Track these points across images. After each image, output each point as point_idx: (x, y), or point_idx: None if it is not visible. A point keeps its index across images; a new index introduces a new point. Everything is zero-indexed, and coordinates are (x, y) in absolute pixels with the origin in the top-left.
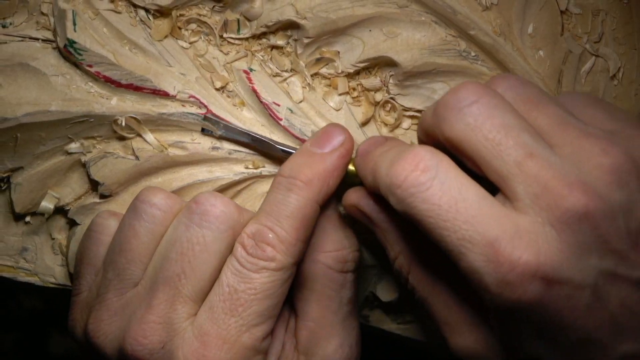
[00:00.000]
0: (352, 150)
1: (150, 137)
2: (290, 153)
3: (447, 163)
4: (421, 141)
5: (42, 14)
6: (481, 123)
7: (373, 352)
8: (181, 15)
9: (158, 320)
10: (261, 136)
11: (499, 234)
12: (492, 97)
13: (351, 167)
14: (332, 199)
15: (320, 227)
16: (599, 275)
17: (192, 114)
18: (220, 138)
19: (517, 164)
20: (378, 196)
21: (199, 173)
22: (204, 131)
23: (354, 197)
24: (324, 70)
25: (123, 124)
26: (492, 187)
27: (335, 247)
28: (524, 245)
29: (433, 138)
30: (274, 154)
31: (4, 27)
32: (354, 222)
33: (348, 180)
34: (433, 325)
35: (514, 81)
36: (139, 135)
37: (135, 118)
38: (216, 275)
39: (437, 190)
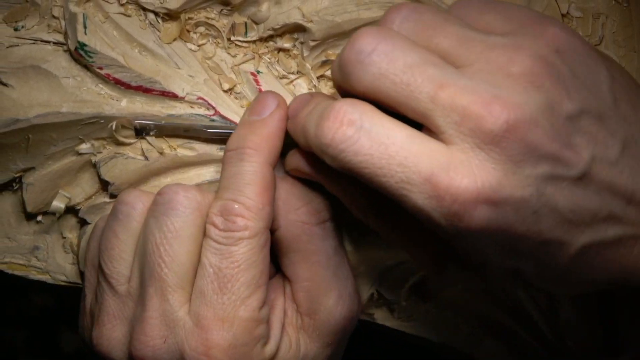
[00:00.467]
0: (287, 111)
1: (152, 139)
2: (226, 132)
3: (370, 111)
4: (340, 94)
5: (54, 17)
6: (385, 70)
7: (378, 350)
8: (190, 18)
9: (154, 315)
10: (201, 125)
11: (434, 169)
12: (389, 39)
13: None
14: (280, 162)
15: (283, 190)
16: (538, 182)
17: (201, 115)
18: (160, 136)
19: (430, 98)
20: (314, 155)
21: (207, 173)
22: (138, 133)
23: (293, 161)
24: (329, 73)
25: (113, 127)
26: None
27: (302, 202)
28: (459, 174)
29: (347, 91)
30: (215, 137)
31: (16, 30)
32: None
33: (287, 141)
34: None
35: (406, 11)
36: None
37: (127, 119)
38: (195, 259)
39: (365, 140)
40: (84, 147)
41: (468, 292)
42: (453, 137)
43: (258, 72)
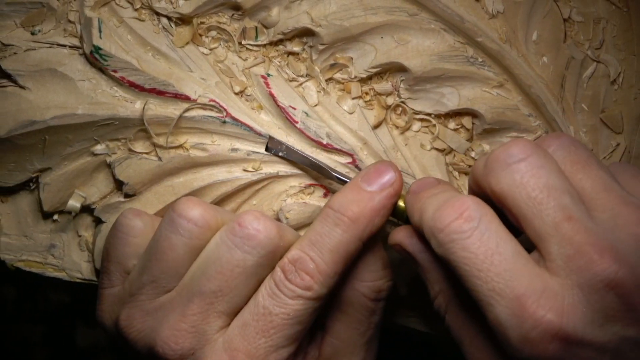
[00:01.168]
0: (400, 191)
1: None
2: (342, 180)
3: (490, 216)
4: (471, 189)
5: (70, 21)
6: (526, 181)
7: (383, 346)
8: (202, 23)
9: (190, 329)
10: (318, 161)
11: (527, 290)
12: (540, 156)
13: (400, 203)
14: (377, 233)
15: (362, 257)
16: (622, 342)
17: (212, 117)
18: (283, 158)
19: (554, 225)
20: (422, 236)
21: (219, 173)
22: (268, 149)
23: (400, 236)
24: (337, 76)
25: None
26: (530, 243)
27: (373, 277)
28: (550, 304)
29: (481, 188)
30: (326, 178)
31: (33, 34)
32: (391, 252)
33: (396, 215)
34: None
35: (565, 141)
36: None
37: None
38: (251, 294)
39: (476, 240)
40: (99, 148)
41: None
42: (559, 268)
43: (268, 75)
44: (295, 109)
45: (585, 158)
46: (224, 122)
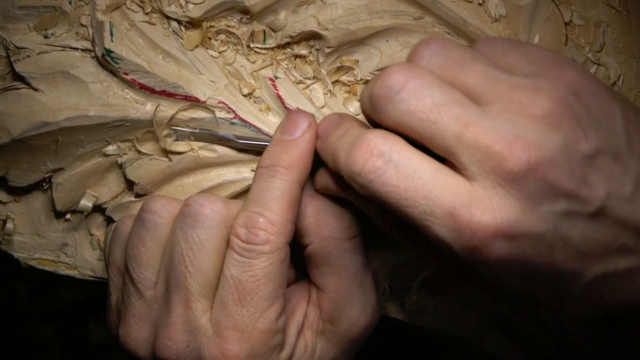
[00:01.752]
0: (317, 130)
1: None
2: (256, 145)
3: (400, 144)
4: (369, 122)
5: (82, 25)
6: (414, 107)
7: (389, 342)
8: (211, 26)
9: (178, 321)
10: (227, 135)
11: (456, 203)
12: (417, 77)
13: None
14: (311, 179)
15: (314, 207)
16: (555, 218)
17: (221, 118)
18: (197, 140)
19: (455, 137)
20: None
21: (228, 173)
22: (178, 138)
23: (322, 180)
24: (344, 78)
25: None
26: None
27: (334, 218)
28: (480, 209)
29: (375, 122)
30: (251, 150)
31: (45, 37)
32: None
33: (316, 158)
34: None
35: (435, 47)
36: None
37: (168, 125)
38: (219, 269)
39: (393, 172)
40: (111, 148)
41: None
42: (475, 174)
43: (276, 77)
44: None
45: (459, 57)
46: (233, 123)
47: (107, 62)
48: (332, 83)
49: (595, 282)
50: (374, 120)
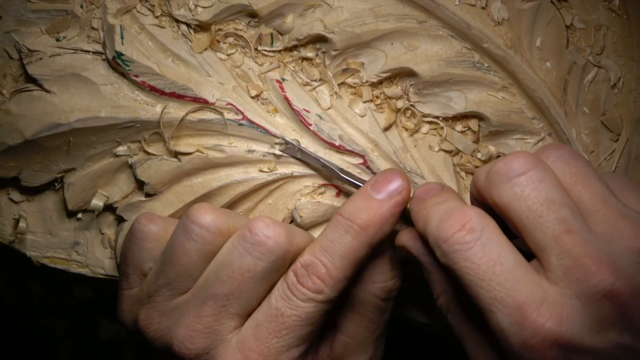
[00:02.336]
0: (408, 198)
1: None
2: (351, 183)
3: (492, 227)
4: (472, 197)
5: (93, 28)
6: (527, 194)
7: (394, 339)
8: (220, 29)
9: (205, 329)
10: (331, 164)
11: (528, 299)
12: (541, 170)
13: (408, 206)
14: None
15: (372, 259)
16: (616, 348)
17: (230, 119)
18: (297, 159)
19: (554, 237)
20: (426, 241)
21: (236, 174)
22: (284, 151)
23: (405, 238)
24: (349, 80)
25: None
26: (531, 252)
27: (383, 279)
28: (549, 313)
29: (483, 198)
30: (337, 180)
31: (58, 40)
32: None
33: (404, 217)
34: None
35: (564, 152)
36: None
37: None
38: (263, 296)
39: (478, 250)
40: (121, 149)
41: None
42: (558, 278)
43: (283, 79)
44: (309, 112)
45: (583, 170)
46: (241, 124)
47: (117, 64)
48: (338, 85)
49: None
50: (481, 197)
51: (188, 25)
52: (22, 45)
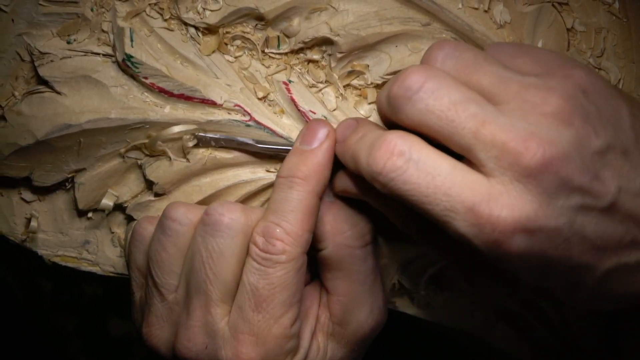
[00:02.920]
0: (335, 140)
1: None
2: (281, 150)
3: (418, 143)
4: (385, 124)
5: (103, 31)
6: (432, 106)
7: (398, 335)
8: (227, 32)
9: (198, 324)
10: (247, 139)
11: (475, 199)
12: (434, 77)
13: None
14: (329, 186)
15: (331, 214)
16: (571, 213)
17: (237, 120)
18: (218, 147)
19: (472, 134)
20: (362, 177)
21: (243, 174)
22: (198, 144)
23: (341, 183)
24: (355, 82)
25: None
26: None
27: (349, 226)
28: (499, 205)
29: (394, 122)
30: (269, 154)
31: (68, 43)
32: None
33: (336, 163)
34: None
35: (448, 49)
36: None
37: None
38: (239, 276)
39: (413, 171)
40: (131, 153)
41: None
42: (493, 170)
43: (290, 81)
44: (315, 113)
45: (472, 58)
46: (248, 125)
47: (127, 66)
48: (344, 87)
49: (608, 276)
50: (392, 121)
51: (196, 28)
52: (34, 47)
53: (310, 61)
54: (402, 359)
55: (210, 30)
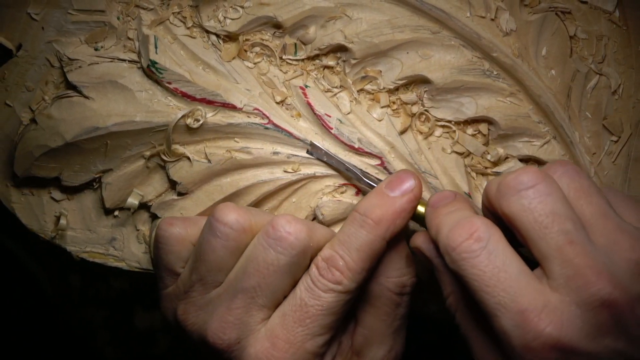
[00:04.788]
0: (420, 196)
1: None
2: (371, 185)
3: (498, 237)
4: (483, 206)
5: (129, 38)
6: (534, 206)
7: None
8: (247, 40)
9: (235, 321)
10: (352, 166)
11: (530, 305)
12: (548, 184)
13: (419, 208)
14: (400, 233)
15: (388, 255)
16: (611, 353)
17: (256, 123)
18: (321, 161)
19: (557, 248)
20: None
21: (262, 174)
22: (310, 153)
23: (419, 240)
24: (368, 87)
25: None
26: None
27: (397, 274)
28: (550, 319)
29: (493, 208)
30: (357, 182)
31: (96, 50)
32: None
33: (416, 219)
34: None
35: (569, 169)
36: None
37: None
38: (289, 288)
39: (484, 258)
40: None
41: None
42: (560, 286)
43: (306, 86)
44: (330, 116)
45: (587, 186)
46: (267, 128)
47: (151, 72)
48: (358, 91)
49: None
50: (492, 206)
51: (217, 35)
52: (63, 54)
53: (325, 67)
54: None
55: (230, 37)
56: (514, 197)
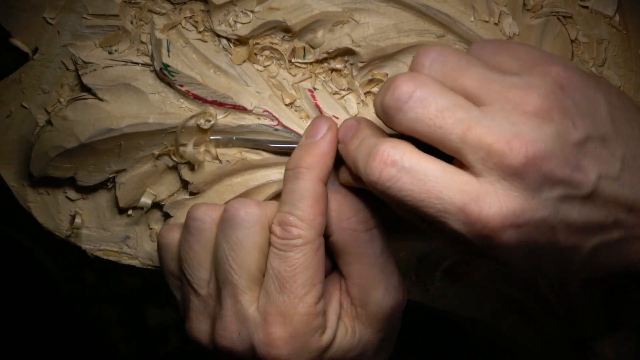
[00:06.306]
0: (337, 132)
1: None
2: (291, 148)
3: (409, 151)
4: (385, 123)
5: (142, 42)
6: (421, 114)
7: (414, 324)
8: (257, 43)
9: (230, 314)
10: (267, 140)
11: (465, 200)
12: (422, 86)
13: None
14: (334, 175)
15: (335, 201)
16: (555, 203)
17: (266, 125)
18: (235, 146)
19: (460, 138)
20: None
21: (272, 174)
22: (220, 146)
23: (345, 177)
24: (375, 89)
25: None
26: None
27: (352, 212)
28: (487, 203)
29: (390, 127)
30: (277, 150)
31: (110, 53)
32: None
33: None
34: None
35: (433, 55)
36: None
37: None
38: (263, 264)
39: (406, 178)
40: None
41: (492, 274)
42: (481, 170)
43: (314, 88)
44: (338, 118)
45: (456, 62)
46: (276, 129)
47: (164, 75)
48: (365, 94)
49: (593, 252)
50: (388, 127)
51: (228, 39)
52: (78, 57)
53: (333, 70)
54: (413, 345)
55: (241, 41)
56: (399, 115)
